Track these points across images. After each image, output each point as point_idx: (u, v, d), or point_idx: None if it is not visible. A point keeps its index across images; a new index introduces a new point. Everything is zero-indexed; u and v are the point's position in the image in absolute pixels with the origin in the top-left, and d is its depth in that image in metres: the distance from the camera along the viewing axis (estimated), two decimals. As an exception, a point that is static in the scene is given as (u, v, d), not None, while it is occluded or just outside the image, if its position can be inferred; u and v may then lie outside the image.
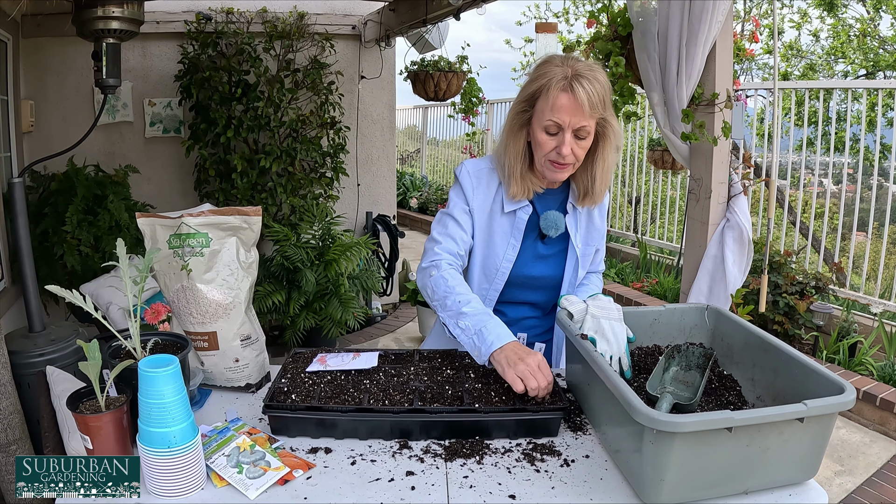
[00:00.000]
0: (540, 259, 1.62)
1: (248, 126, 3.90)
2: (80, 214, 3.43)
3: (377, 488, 1.10)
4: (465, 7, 3.52)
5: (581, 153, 1.49)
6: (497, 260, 1.59)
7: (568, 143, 1.44)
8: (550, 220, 1.58)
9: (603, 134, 1.51)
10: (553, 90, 1.42)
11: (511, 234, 1.59)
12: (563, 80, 1.42)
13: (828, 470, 2.82)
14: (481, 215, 1.60)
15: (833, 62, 9.44)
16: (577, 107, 1.41)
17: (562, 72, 1.43)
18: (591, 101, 1.41)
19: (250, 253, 1.47)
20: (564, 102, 1.42)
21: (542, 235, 1.61)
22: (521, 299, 1.65)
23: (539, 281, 1.63)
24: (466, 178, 1.61)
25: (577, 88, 1.41)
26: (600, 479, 1.14)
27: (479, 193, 1.60)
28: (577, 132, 1.45)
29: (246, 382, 1.46)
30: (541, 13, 10.25)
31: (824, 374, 1.12)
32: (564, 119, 1.43)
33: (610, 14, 2.41)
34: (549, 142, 1.47)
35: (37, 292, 2.30)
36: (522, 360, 1.27)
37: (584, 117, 1.43)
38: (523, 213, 1.58)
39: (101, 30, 2.41)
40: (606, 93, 1.46)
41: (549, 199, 1.62)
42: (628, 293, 4.83)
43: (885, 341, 3.71)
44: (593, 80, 1.42)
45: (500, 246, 1.59)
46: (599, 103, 1.43)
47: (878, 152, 4.43)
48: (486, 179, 1.61)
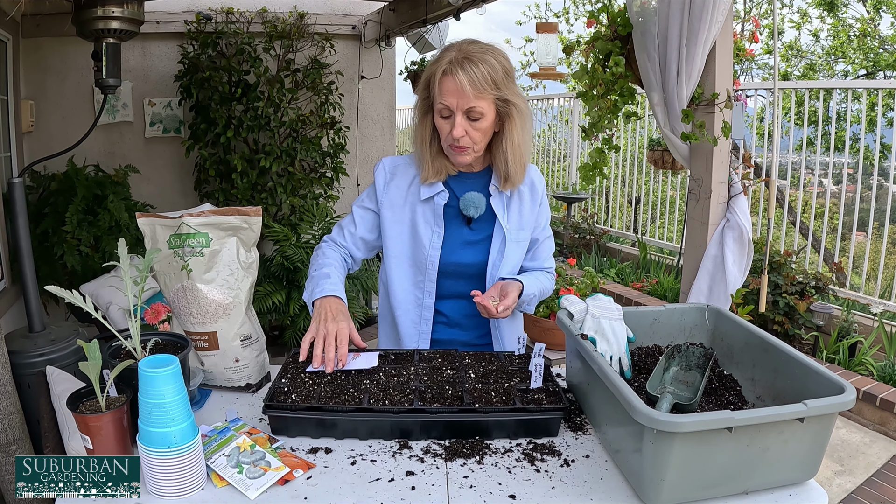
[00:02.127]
0: (468, 245, 1.62)
1: (248, 126, 3.90)
2: (80, 214, 3.44)
3: (377, 488, 1.10)
4: (465, 7, 3.52)
5: (478, 135, 1.50)
6: (424, 249, 1.60)
7: (459, 125, 1.46)
8: (468, 200, 1.58)
9: (507, 114, 1.52)
10: (438, 75, 1.46)
11: (434, 221, 1.60)
12: (447, 64, 1.45)
13: (828, 470, 2.82)
14: (399, 208, 1.62)
15: (833, 62, 9.44)
16: (459, 89, 1.43)
17: (450, 56, 1.45)
18: (472, 82, 1.42)
19: (250, 253, 1.47)
20: (449, 86, 1.44)
21: (469, 220, 1.61)
22: (457, 292, 1.64)
23: (469, 268, 1.62)
24: (381, 173, 1.66)
25: (457, 72, 1.43)
26: (600, 479, 1.14)
27: (392, 187, 1.63)
28: (468, 114, 1.46)
29: (246, 382, 1.46)
30: (541, 13, 10.27)
31: (824, 374, 1.12)
32: (451, 102, 1.45)
33: (610, 14, 2.41)
34: (444, 125, 1.50)
35: (37, 292, 2.30)
36: (326, 321, 1.41)
37: (469, 99, 1.44)
38: (440, 199, 1.60)
39: (101, 30, 2.41)
40: (497, 73, 1.46)
41: (470, 183, 1.62)
42: (628, 293, 4.83)
43: (885, 341, 3.71)
44: (480, 62, 1.44)
45: (425, 235, 1.60)
46: (486, 84, 1.44)
47: (879, 152, 4.43)
48: (402, 172, 1.65)
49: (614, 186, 6.60)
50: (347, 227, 1.69)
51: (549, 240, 1.76)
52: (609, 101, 2.43)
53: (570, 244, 6.33)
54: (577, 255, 6.12)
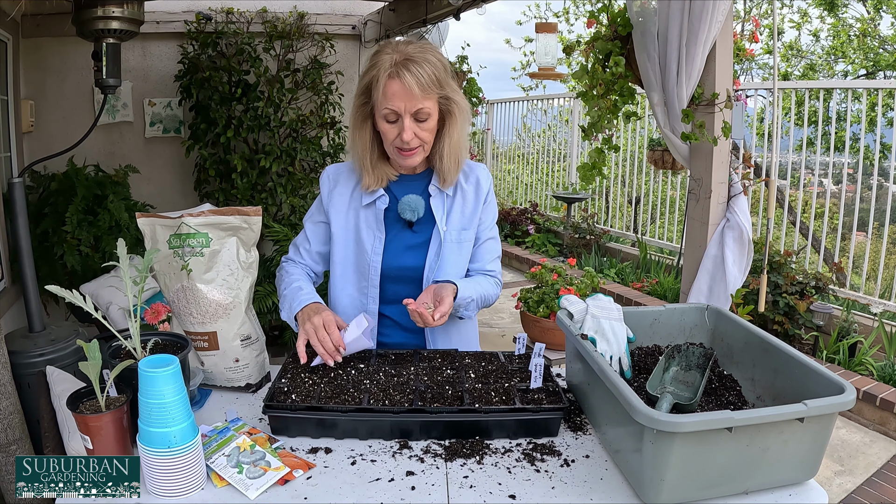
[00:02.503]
0: (410, 249, 1.60)
1: (248, 126, 3.90)
2: (80, 214, 3.43)
3: (377, 488, 1.10)
4: (465, 7, 3.51)
5: (426, 135, 1.49)
6: (367, 255, 1.59)
7: (409, 128, 1.45)
8: (406, 204, 1.56)
9: (448, 111, 1.51)
10: (382, 79, 1.43)
11: (376, 226, 1.58)
12: (390, 67, 1.42)
13: (828, 470, 2.82)
14: (344, 215, 1.61)
15: (833, 62, 9.44)
16: (407, 92, 1.42)
17: (390, 59, 1.43)
18: (420, 83, 1.41)
19: (250, 253, 1.47)
20: (396, 89, 1.42)
21: (410, 224, 1.60)
22: (402, 296, 1.58)
23: (411, 272, 1.60)
24: (325, 182, 1.64)
25: (403, 74, 1.41)
26: (600, 479, 1.14)
27: (336, 194, 1.62)
28: (415, 115, 1.45)
29: (246, 382, 1.46)
30: (541, 13, 10.26)
31: (824, 374, 1.12)
32: (399, 105, 1.43)
33: (610, 14, 2.41)
34: (391, 129, 1.47)
35: (37, 292, 2.30)
36: (310, 319, 1.42)
37: (417, 100, 1.43)
38: (381, 203, 1.58)
39: (101, 30, 2.41)
40: (440, 71, 1.46)
41: (410, 186, 1.60)
42: (628, 293, 4.83)
43: (885, 341, 3.71)
44: (422, 62, 1.42)
45: (367, 241, 1.59)
46: (432, 84, 1.44)
47: (879, 152, 4.43)
48: (345, 178, 1.63)
49: (614, 186, 6.60)
50: (302, 244, 1.67)
51: (492, 241, 1.69)
52: (609, 101, 2.43)
53: (570, 244, 6.33)
54: (577, 255, 6.12)
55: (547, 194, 7.47)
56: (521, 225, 6.89)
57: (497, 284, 1.69)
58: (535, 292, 2.89)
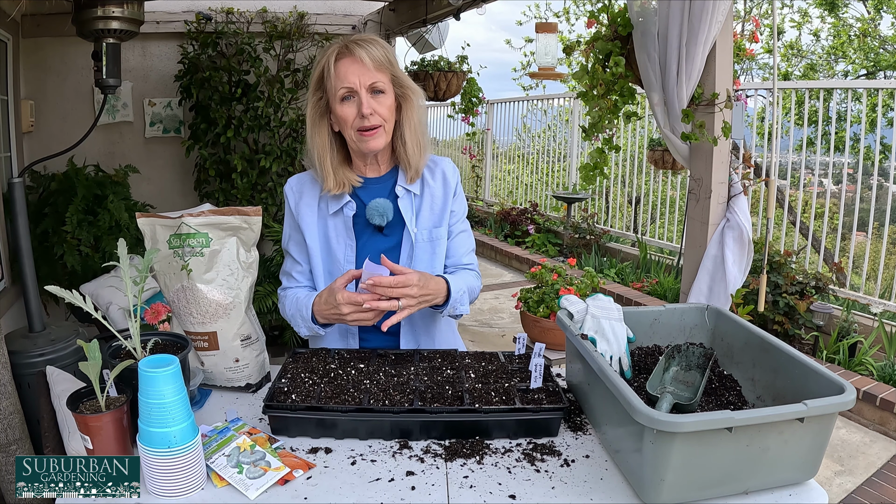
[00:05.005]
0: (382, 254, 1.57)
1: (248, 126, 3.90)
2: (80, 214, 3.43)
3: (377, 488, 1.10)
4: (465, 7, 3.52)
5: (384, 111, 1.48)
6: (339, 264, 1.57)
7: (366, 101, 1.45)
8: (373, 208, 1.54)
9: (403, 96, 1.53)
10: (332, 61, 1.46)
11: (346, 234, 1.57)
12: (338, 48, 1.46)
13: (828, 470, 2.82)
14: (315, 226, 1.59)
15: (833, 62, 9.44)
16: (360, 65, 1.45)
17: (337, 45, 1.47)
18: (371, 56, 1.45)
19: (250, 253, 1.47)
20: (347, 66, 1.45)
21: (380, 228, 1.58)
22: None
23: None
24: (290, 193, 1.62)
25: (354, 49, 1.45)
26: (600, 479, 1.14)
27: (303, 204, 1.60)
28: (371, 88, 1.46)
29: (246, 382, 1.46)
30: (541, 13, 10.26)
31: (824, 374, 1.12)
32: (354, 80, 1.45)
33: (610, 14, 2.41)
34: (348, 110, 1.47)
35: (37, 292, 2.30)
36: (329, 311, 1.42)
37: (372, 73, 1.45)
38: (349, 210, 1.57)
39: (101, 30, 2.41)
40: (388, 53, 1.49)
41: (376, 190, 1.59)
42: (628, 293, 4.83)
43: (885, 341, 3.71)
44: (370, 41, 1.47)
45: (338, 250, 1.57)
46: (384, 60, 1.47)
47: (879, 152, 4.43)
48: (310, 187, 1.61)
49: (614, 186, 6.60)
50: (293, 269, 1.64)
51: (464, 234, 1.67)
52: (609, 101, 2.43)
53: (570, 244, 6.33)
54: (577, 255, 6.13)
55: (547, 194, 7.47)
56: (521, 225, 6.89)
57: (477, 276, 1.68)
58: (535, 292, 2.89)
